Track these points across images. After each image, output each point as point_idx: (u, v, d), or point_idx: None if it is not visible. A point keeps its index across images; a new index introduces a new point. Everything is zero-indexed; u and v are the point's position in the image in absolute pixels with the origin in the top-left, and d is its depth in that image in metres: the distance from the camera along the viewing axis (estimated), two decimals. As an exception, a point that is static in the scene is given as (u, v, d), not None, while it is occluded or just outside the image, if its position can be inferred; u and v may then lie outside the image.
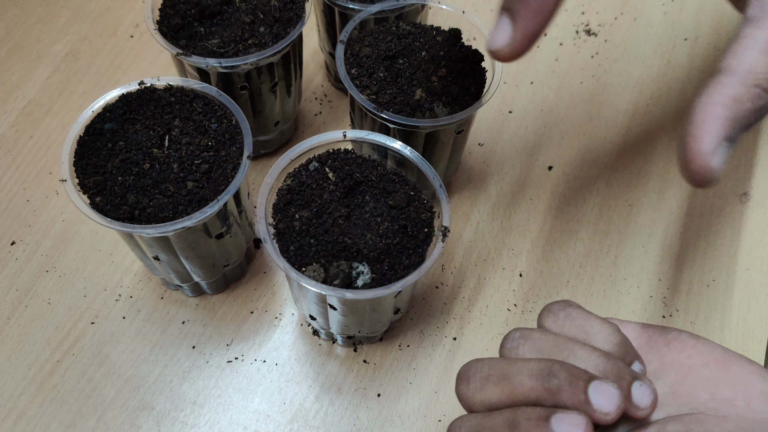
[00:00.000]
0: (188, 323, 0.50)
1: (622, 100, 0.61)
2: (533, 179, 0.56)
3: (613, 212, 0.55)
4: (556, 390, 0.32)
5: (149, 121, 0.42)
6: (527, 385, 0.33)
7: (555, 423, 0.31)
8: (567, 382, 0.32)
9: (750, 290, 0.52)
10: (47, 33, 0.63)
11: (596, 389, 0.32)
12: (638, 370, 0.35)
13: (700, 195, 0.56)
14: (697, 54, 0.64)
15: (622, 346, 0.36)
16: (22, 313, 0.49)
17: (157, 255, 0.43)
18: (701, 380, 0.35)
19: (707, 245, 0.54)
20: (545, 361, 0.33)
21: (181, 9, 0.47)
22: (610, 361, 0.34)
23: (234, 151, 0.42)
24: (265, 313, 0.50)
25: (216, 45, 0.46)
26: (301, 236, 0.39)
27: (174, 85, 0.43)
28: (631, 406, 0.32)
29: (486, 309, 0.51)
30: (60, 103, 0.59)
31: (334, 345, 0.49)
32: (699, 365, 0.36)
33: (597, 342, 0.36)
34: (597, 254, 0.53)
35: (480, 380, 0.34)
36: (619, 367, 0.34)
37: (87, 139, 0.41)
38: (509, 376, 0.33)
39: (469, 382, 0.34)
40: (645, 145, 0.59)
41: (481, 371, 0.35)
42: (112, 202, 0.40)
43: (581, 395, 0.31)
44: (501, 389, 0.33)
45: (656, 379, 0.36)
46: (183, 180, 0.40)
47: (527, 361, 0.34)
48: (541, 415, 0.32)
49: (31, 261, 0.52)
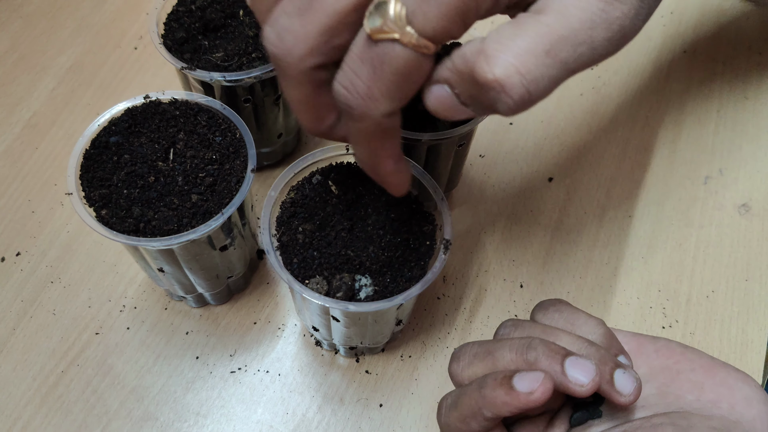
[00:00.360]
0: (192, 334, 0.50)
1: (621, 112, 0.62)
2: (534, 191, 0.57)
3: (613, 223, 0.56)
4: (533, 361, 0.34)
5: (154, 134, 0.43)
6: (508, 357, 0.35)
7: (517, 379, 0.33)
8: (544, 354, 0.34)
9: (749, 301, 0.52)
10: (52, 45, 0.63)
11: (572, 363, 0.34)
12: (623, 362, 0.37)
13: (700, 206, 0.57)
14: (696, 67, 0.64)
15: (606, 337, 0.38)
16: (27, 324, 0.50)
17: (161, 267, 0.44)
18: (688, 383, 0.37)
19: (706, 256, 0.54)
20: (526, 338, 0.35)
21: (186, 23, 0.48)
22: (593, 347, 0.36)
23: (238, 164, 0.42)
24: (268, 323, 0.51)
25: (220, 58, 0.47)
26: (305, 249, 0.40)
27: (179, 98, 0.44)
28: (614, 392, 0.34)
29: (487, 320, 0.51)
30: (65, 115, 0.59)
31: (337, 355, 0.50)
32: (686, 370, 0.38)
33: (582, 332, 0.38)
34: (597, 265, 0.54)
35: (469, 357, 0.37)
36: (603, 353, 0.35)
37: (93, 152, 0.42)
38: (493, 351, 0.36)
39: (459, 361, 0.37)
40: (644, 156, 0.59)
41: (470, 350, 0.38)
42: (118, 214, 0.40)
43: (557, 366, 0.34)
44: (485, 364, 0.36)
45: (645, 382, 0.38)
46: (188, 193, 0.41)
47: (511, 339, 0.36)
48: (506, 375, 0.34)
49: (36, 272, 0.52)
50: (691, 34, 0.66)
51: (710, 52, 0.65)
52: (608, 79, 0.63)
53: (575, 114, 0.61)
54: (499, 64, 0.27)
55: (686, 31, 0.66)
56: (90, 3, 0.66)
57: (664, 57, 0.65)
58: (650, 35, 0.66)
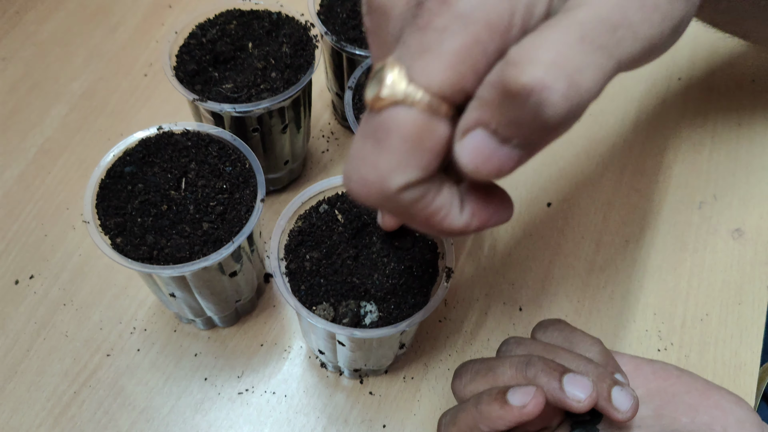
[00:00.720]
0: (200, 356, 0.52)
1: (618, 138, 0.63)
2: (533, 216, 0.59)
3: (610, 248, 0.57)
4: (532, 377, 0.36)
5: (167, 164, 0.44)
6: (508, 374, 0.37)
7: (510, 394, 0.34)
8: (542, 371, 0.36)
9: (742, 324, 0.54)
10: (65, 72, 0.65)
11: (570, 379, 0.35)
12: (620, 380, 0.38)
13: (694, 231, 0.58)
14: (691, 93, 0.66)
15: (603, 355, 0.40)
16: (40, 346, 0.51)
17: (173, 292, 0.45)
18: (683, 405, 0.39)
19: (701, 280, 0.56)
20: (526, 355, 0.37)
21: (197, 55, 0.50)
22: (591, 365, 0.37)
23: (247, 194, 0.44)
24: (275, 345, 0.52)
25: (230, 90, 0.49)
26: (312, 276, 0.41)
27: (191, 130, 0.46)
28: (611, 408, 0.36)
29: (488, 342, 0.52)
30: (77, 140, 0.61)
31: (341, 377, 0.51)
32: (682, 392, 0.39)
33: (580, 350, 0.39)
34: (594, 289, 0.55)
35: (470, 374, 0.39)
36: (600, 371, 0.37)
37: (108, 181, 0.43)
38: (494, 368, 0.37)
39: (461, 377, 0.39)
40: (640, 181, 0.61)
41: (472, 367, 0.40)
42: (132, 242, 0.42)
43: (555, 383, 0.35)
44: (486, 380, 0.38)
45: (641, 403, 0.39)
46: (199, 221, 0.43)
47: (511, 356, 0.37)
48: (501, 390, 0.35)
49: (49, 294, 0.54)
50: (686, 62, 0.68)
51: (704, 80, 0.67)
52: (605, 106, 0.65)
53: (573, 140, 0.63)
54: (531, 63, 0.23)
55: (681, 59, 0.68)
56: (102, 31, 0.68)
57: (659, 84, 0.67)
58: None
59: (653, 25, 0.24)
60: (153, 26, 0.68)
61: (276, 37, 0.51)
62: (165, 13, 0.69)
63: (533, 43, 0.23)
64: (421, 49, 0.24)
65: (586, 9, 0.23)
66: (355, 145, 0.26)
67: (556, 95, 0.22)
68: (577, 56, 0.23)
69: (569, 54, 0.23)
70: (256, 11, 0.52)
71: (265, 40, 0.51)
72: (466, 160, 0.25)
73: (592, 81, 0.23)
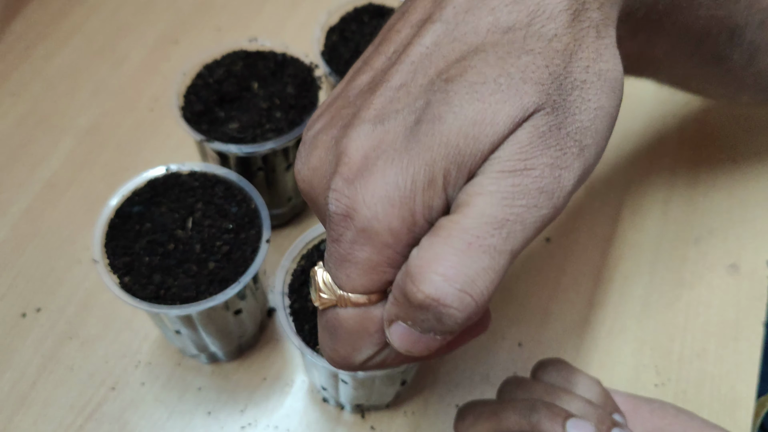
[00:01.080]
0: (204, 390, 0.52)
1: (616, 174, 0.65)
2: (532, 251, 0.60)
3: (608, 283, 0.58)
4: (536, 423, 0.37)
5: (174, 204, 0.45)
6: (512, 419, 0.38)
7: None
8: (546, 417, 0.37)
9: (738, 359, 0.55)
10: (71, 107, 0.66)
11: (573, 424, 0.36)
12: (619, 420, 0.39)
13: (690, 267, 0.59)
14: (687, 130, 0.67)
15: (602, 396, 0.41)
16: (47, 379, 0.52)
17: (178, 329, 0.46)
18: None
19: (697, 315, 0.57)
20: (530, 400, 0.38)
21: (204, 95, 0.51)
22: (591, 407, 0.38)
23: (253, 234, 0.45)
24: (277, 380, 0.53)
25: (236, 130, 0.50)
26: (315, 316, 0.42)
27: (198, 170, 0.47)
28: None
29: (488, 378, 0.53)
30: (83, 175, 0.62)
31: (343, 411, 0.52)
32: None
33: (580, 391, 0.40)
34: (593, 324, 0.56)
35: (474, 417, 0.40)
36: (600, 413, 0.38)
37: (117, 221, 0.45)
38: (498, 412, 0.38)
39: (464, 419, 0.40)
40: (638, 217, 0.62)
41: (475, 409, 0.40)
42: (140, 282, 0.43)
43: (559, 428, 0.36)
44: (490, 423, 0.39)
45: None
46: (205, 260, 0.44)
47: (515, 400, 0.38)
48: None
49: (55, 327, 0.54)
50: (681, 99, 0.69)
51: (699, 117, 0.68)
52: (603, 141, 0.66)
53: (571, 175, 0.64)
54: (424, 279, 0.25)
55: (677, 97, 0.70)
56: (108, 66, 0.69)
57: (655, 121, 0.68)
58: (642, 101, 0.69)
59: (541, 209, 0.26)
60: (159, 61, 0.70)
61: (281, 77, 0.52)
62: (171, 49, 0.71)
63: (426, 256, 0.25)
64: (339, 260, 0.27)
65: (469, 212, 0.25)
66: (319, 333, 0.31)
67: (451, 307, 0.25)
68: (467, 265, 0.24)
69: (459, 264, 0.24)
70: (261, 52, 0.53)
71: (270, 81, 0.52)
72: (397, 345, 0.28)
73: (486, 283, 0.25)
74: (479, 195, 0.25)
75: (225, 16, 0.73)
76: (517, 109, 0.25)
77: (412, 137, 0.26)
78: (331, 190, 0.27)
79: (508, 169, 0.25)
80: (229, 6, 0.74)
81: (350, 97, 0.30)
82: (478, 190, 0.25)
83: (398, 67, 0.28)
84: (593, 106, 0.26)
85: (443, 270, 0.24)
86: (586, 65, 0.27)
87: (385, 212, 0.26)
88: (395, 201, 0.26)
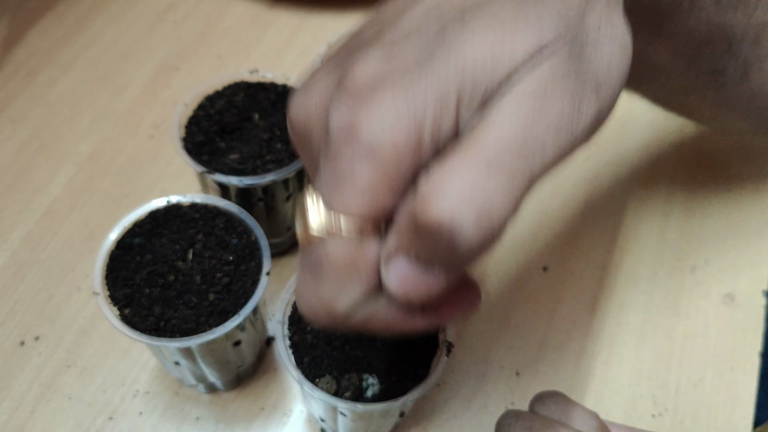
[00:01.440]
0: (201, 420, 0.52)
1: (613, 202, 0.65)
2: (529, 280, 0.60)
3: (605, 312, 0.58)
4: None
5: (175, 235, 0.46)
6: None
7: None
8: None
9: (734, 389, 0.55)
10: (72, 133, 0.67)
11: None
12: None
13: (686, 296, 0.59)
14: (682, 158, 0.68)
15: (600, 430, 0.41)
16: (45, 408, 0.52)
17: (178, 360, 0.46)
18: None
19: (694, 345, 0.57)
20: None
21: (205, 126, 0.51)
22: None
23: (253, 266, 0.45)
24: (275, 409, 0.53)
25: (236, 161, 0.50)
26: (314, 349, 0.42)
27: (199, 202, 0.47)
28: None
29: (485, 407, 0.53)
30: (83, 201, 0.62)
31: (341, 442, 0.52)
32: None
33: (578, 424, 0.41)
34: (590, 354, 0.56)
35: None
36: None
37: (117, 253, 0.45)
38: None
39: None
40: (634, 245, 0.62)
41: None
42: (140, 313, 0.43)
43: None
44: None
45: None
46: (205, 292, 0.44)
47: None
48: None
49: (54, 356, 0.54)
50: (676, 127, 0.70)
51: (695, 145, 0.69)
52: (599, 170, 0.67)
53: (568, 204, 0.65)
54: (439, 197, 0.23)
55: (672, 125, 0.70)
56: (109, 92, 0.69)
57: (651, 149, 0.69)
58: (638, 128, 0.70)
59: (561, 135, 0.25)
60: (160, 88, 0.70)
61: (281, 108, 0.53)
62: (171, 76, 0.71)
63: (441, 175, 0.23)
64: (335, 180, 0.25)
65: (490, 131, 0.24)
66: (299, 277, 0.28)
67: (467, 228, 0.23)
68: (485, 184, 0.23)
69: (477, 183, 0.23)
70: (262, 83, 0.54)
71: (270, 111, 0.53)
72: (394, 288, 0.26)
73: (504, 205, 0.23)
74: (499, 114, 0.24)
75: (225, 43, 0.74)
76: (536, 36, 0.25)
77: (425, 57, 0.25)
78: (332, 107, 0.25)
79: (529, 91, 0.24)
80: (230, 33, 0.75)
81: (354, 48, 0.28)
82: (497, 110, 0.24)
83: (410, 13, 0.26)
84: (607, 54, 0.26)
85: (459, 189, 0.23)
86: (598, 26, 0.26)
87: (391, 126, 0.24)
88: (403, 114, 0.24)
